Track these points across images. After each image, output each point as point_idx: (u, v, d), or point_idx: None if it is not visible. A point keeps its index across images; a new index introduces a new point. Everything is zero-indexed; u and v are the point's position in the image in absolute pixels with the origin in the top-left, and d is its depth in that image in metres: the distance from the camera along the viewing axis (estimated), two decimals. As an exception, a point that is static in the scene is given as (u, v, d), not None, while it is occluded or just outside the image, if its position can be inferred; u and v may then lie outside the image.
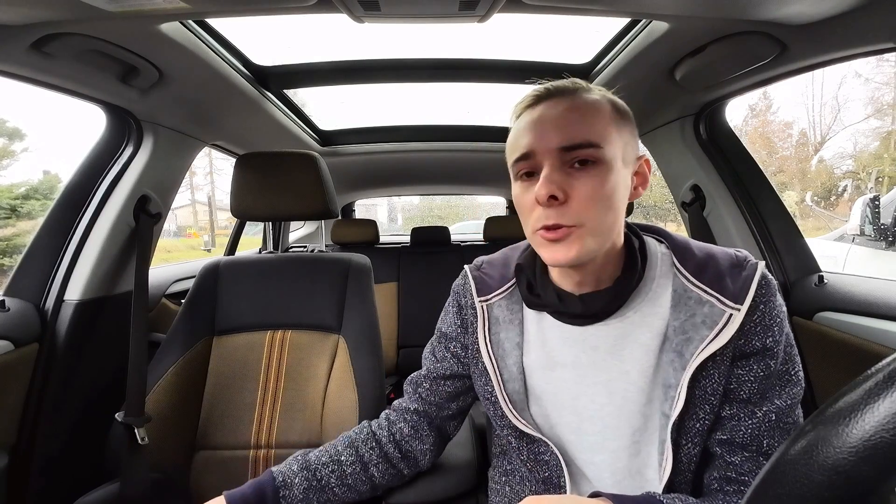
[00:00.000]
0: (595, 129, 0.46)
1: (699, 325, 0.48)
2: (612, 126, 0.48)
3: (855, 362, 0.85)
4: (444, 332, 0.67)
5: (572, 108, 0.47)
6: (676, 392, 0.47)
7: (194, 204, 16.96)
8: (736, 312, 0.46)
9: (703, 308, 0.48)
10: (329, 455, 0.65)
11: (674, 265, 0.52)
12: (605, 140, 0.46)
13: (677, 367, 0.48)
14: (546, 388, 0.56)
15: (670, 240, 0.55)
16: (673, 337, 0.49)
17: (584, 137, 0.46)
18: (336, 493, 0.63)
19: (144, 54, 0.80)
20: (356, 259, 1.05)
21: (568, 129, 0.46)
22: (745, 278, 0.48)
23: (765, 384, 0.47)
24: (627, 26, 0.92)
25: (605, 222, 0.47)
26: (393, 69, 1.17)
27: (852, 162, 12.56)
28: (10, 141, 10.09)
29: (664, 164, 1.30)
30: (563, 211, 0.46)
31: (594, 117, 0.47)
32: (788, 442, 0.23)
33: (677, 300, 0.50)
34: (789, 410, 0.47)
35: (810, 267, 1.06)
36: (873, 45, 0.71)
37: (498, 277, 0.62)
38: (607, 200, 0.47)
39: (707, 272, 0.50)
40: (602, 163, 0.46)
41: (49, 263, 0.93)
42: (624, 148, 0.49)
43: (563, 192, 0.46)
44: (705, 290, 0.49)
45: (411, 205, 15.03)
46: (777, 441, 0.47)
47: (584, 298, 0.52)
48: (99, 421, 0.94)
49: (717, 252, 0.52)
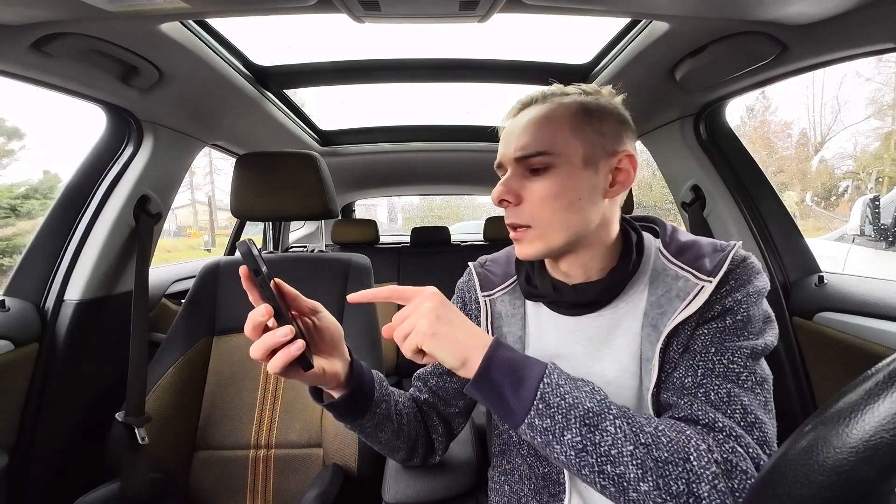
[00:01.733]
0: (545, 139, 0.50)
1: (673, 299, 0.50)
2: (570, 131, 0.50)
3: (855, 362, 0.85)
4: None
5: (532, 121, 0.52)
6: (652, 364, 0.49)
7: (194, 204, 16.96)
8: (707, 284, 0.48)
9: (677, 283, 0.51)
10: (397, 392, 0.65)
11: (658, 249, 0.55)
12: (556, 146, 0.50)
13: (653, 340, 0.50)
14: None
15: (661, 228, 0.58)
16: (650, 312, 0.52)
17: (534, 147, 0.50)
18: (393, 420, 0.61)
19: (144, 54, 0.80)
20: (356, 259, 1.05)
21: (522, 141, 0.51)
22: (722, 257, 0.50)
23: (719, 335, 0.48)
24: (627, 26, 0.92)
25: (562, 221, 0.51)
26: (393, 69, 1.17)
27: (852, 162, 12.57)
28: (9, 140, 10.09)
29: (664, 164, 1.30)
30: (517, 212, 0.52)
31: (548, 126, 0.51)
32: (788, 442, 0.23)
33: (655, 277, 0.53)
34: (740, 351, 0.46)
35: (810, 267, 1.06)
36: (873, 46, 0.71)
37: (501, 274, 0.65)
38: (561, 200, 0.50)
39: (687, 253, 0.53)
40: (554, 167, 0.50)
41: (49, 263, 0.93)
42: (588, 150, 0.50)
43: (516, 195, 0.52)
44: (682, 267, 0.52)
45: (411, 205, 15.04)
46: (722, 386, 0.45)
47: (577, 288, 0.55)
48: (99, 421, 0.94)
49: (703, 239, 0.55)
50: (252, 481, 0.90)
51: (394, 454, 0.66)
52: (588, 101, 0.52)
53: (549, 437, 0.42)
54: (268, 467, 0.91)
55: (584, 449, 0.41)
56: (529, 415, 0.42)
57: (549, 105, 0.52)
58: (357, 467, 0.86)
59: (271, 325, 0.44)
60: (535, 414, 0.42)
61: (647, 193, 11.78)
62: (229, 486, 0.90)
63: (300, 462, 0.91)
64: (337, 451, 0.88)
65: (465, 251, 2.22)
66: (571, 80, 1.27)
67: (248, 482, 0.90)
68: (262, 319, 0.43)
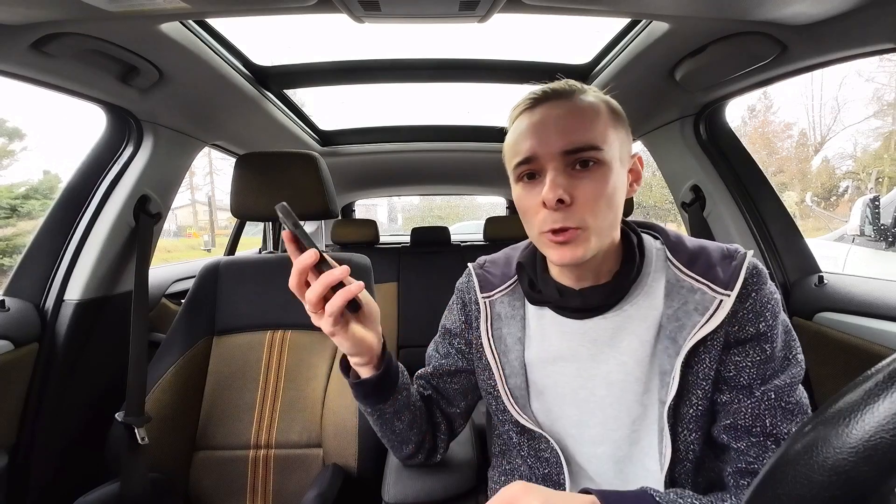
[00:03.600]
0: (595, 132, 0.48)
1: (691, 312, 0.49)
2: (610, 127, 0.49)
3: (855, 362, 0.85)
4: (447, 328, 0.69)
5: (572, 111, 0.48)
6: (671, 377, 0.49)
7: (194, 204, 16.97)
8: (726, 298, 0.48)
9: (694, 296, 0.50)
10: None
11: (667, 258, 0.54)
12: (604, 142, 0.48)
13: (671, 353, 0.49)
14: (547, 381, 0.57)
15: (664, 235, 0.57)
16: (667, 325, 0.51)
17: (586, 140, 0.47)
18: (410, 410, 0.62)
19: (144, 54, 0.80)
20: (356, 259, 1.05)
21: (570, 133, 0.47)
22: (735, 267, 0.50)
23: (763, 368, 0.48)
24: (627, 26, 0.92)
25: (606, 221, 0.49)
26: (393, 69, 1.17)
27: (852, 162, 12.58)
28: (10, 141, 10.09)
29: (664, 164, 1.30)
30: (568, 214, 0.47)
31: (594, 120, 0.48)
32: (788, 442, 0.23)
33: (670, 290, 0.52)
34: (790, 390, 0.47)
35: (810, 267, 1.06)
36: (873, 46, 0.71)
37: (500, 275, 0.65)
38: (609, 200, 0.48)
39: (698, 262, 0.52)
40: (603, 164, 0.48)
41: (49, 263, 0.93)
42: (620, 148, 0.50)
43: (569, 194, 0.47)
44: (696, 279, 0.51)
45: (411, 205, 15.04)
46: (780, 420, 0.46)
47: (583, 293, 0.54)
48: (99, 421, 0.94)
49: (709, 245, 0.54)
50: (252, 481, 0.90)
51: (402, 447, 0.66)
52: (608, 100, 0.52)
53: None
54: (268, 467, 0.91)
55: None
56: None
57: (583, 99, 0.49)
58: (357, 467, 0.86)
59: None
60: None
61: (647, 193, 11.79)
62: (229, 486, 0.90)
63: (300, 462, 0.91)
64: (337, 451, 0.88)
65: (465, 251, 2.22)
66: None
67: (248, 482, 0.90)
68: (310, 261, 0.43)
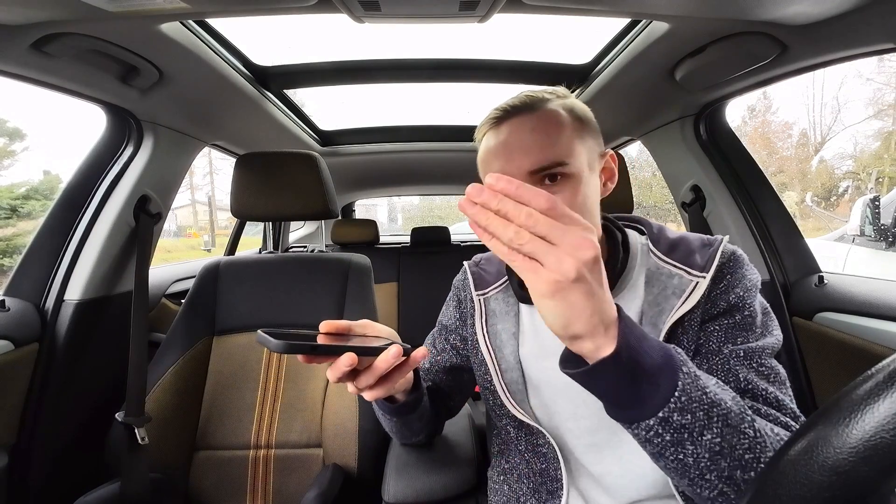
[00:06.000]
0: (560, 147, 0.48)
1: (669, 296, 0.51)
2: (576, 138, 0.49)
3: (855, 362, 0.85)
4: (444, 324, 0.72)
5: (535, 129, 0.49)
6: None
7: (194, 204, 16.96)
8: (702, 280, 0.49)
9: (672, 280, 0.52)
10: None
11: (650, 250, 0.56)
12: (570, 154, 0.48)
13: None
14: (541, 376, 0.58)
15: (648, 228, 0.59)
16: (648, 311, 0.52)
17: (552, 158, 0.47)
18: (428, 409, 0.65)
19: (145, 54, 0.80)
20: (356, 259, 1.05)
21: (534, 152, 0.48)
22: (712, 252, 0.51)
23: (733, 332, 0.49)
24: (627, 27, 0.92)
25: None
26: (393, 69, 1.17)
27: (852, 162, 12.57)
28: (11, 141, 10.10)
29: (664, 164, 1.30)
30: None
31: (558, 134, 0.48)
32: (788, 442, 0.23)
33: (650, 277, 0.54)
34: (762, 353, 0.47)
35: (810, 267, 1.06)
36: (873, 46, 0.71)
37: (494, 273, 0.67)
38: (582, 209, 0.48)
39: (678, 250, 0.54)
40: (571, 177, 0.48)
41: (49, 263, 0.93)
42: (588, 154, 0.51)
43: None
44: (675, 265, 0.53)
45: (411, 205, 15.04)
46: (754, 377, 0.46)
47: None
48: (99, 421, 0.94)
49: (690, 235, 0.56)
50: (252, 481, 0.90)
51: (412, 437, 0.69)
52: (573, 105, 0.52)
53: (682, 437, 0.35)
54: (268, 467, 0.91)
55: (721, 452, 0.36)
56: (667, 408, 0.34)
57: (546, 112, 0.50)
58: (357, 467, 0.86)
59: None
60: (675, 408, 0.35)
61: (647, 193, 11.78)
62: (229, 486, 0.90)
63: (300, 462, 0.91)
64: (337, 451, 0.88)
65: (465, 251, 2.22)
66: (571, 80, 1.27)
67: (248, 482, 0.90)
68: (347, 369, 0.41)
